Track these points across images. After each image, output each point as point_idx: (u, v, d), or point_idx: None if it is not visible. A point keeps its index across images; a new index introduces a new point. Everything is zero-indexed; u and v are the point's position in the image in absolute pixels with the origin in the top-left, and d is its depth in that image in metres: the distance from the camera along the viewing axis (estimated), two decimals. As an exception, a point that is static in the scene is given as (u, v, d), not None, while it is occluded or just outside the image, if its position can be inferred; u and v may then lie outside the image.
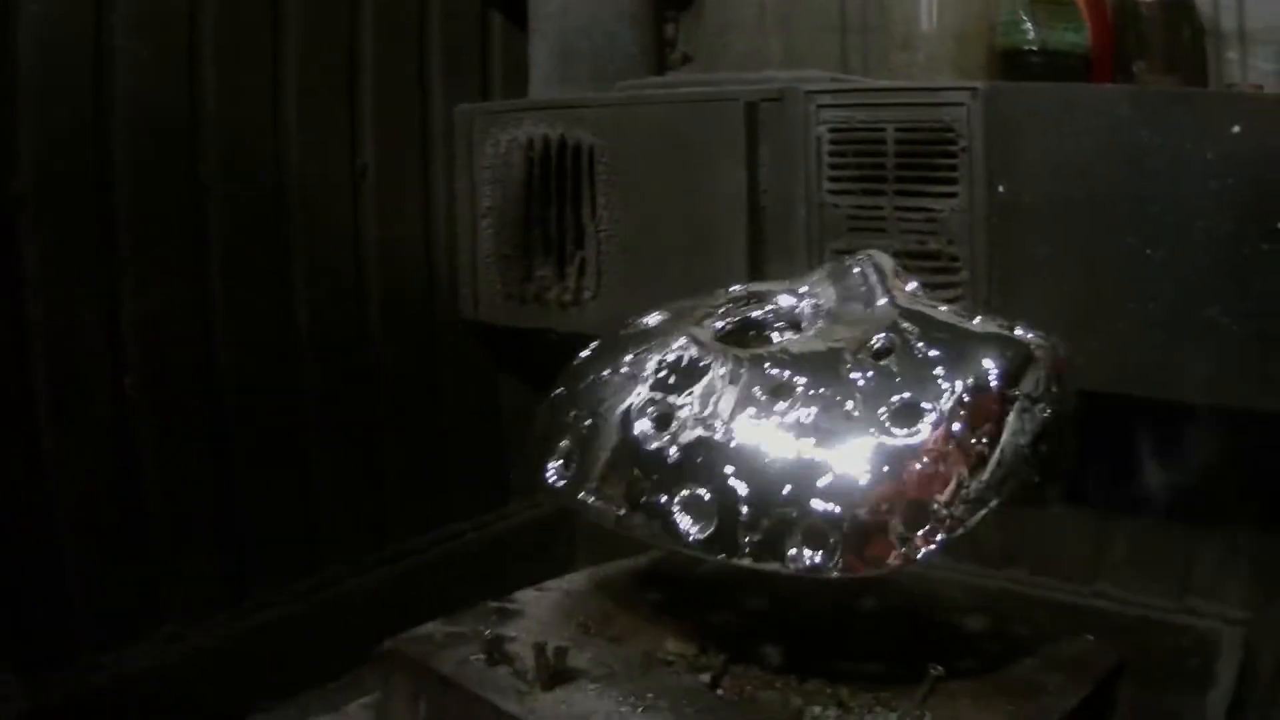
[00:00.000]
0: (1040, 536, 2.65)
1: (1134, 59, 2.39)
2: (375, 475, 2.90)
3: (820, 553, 1.59)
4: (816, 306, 1.91)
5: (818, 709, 1.69)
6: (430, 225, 3.01)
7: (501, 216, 2.91)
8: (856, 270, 1.87)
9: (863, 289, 1.84)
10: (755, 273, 2.48)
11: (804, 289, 1.96)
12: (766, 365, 1.75)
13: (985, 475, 1.58)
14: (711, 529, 1.67)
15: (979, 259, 2.22)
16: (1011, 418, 1.61)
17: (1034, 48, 2.40)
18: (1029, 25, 2.40)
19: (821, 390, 1.68)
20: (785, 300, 1.97)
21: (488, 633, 1.90)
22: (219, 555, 2.55)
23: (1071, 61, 2.41)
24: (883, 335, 1.72)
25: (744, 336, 1.93)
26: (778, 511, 1.62)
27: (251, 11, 2.59)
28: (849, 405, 1.65)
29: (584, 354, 2.06)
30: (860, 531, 1.59)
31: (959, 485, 1.57)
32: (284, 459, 2.69)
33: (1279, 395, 2.01)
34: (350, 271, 2.83)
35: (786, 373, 1.73)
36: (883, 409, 1.63)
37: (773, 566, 1.62)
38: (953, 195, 2.24)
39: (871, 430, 1.62)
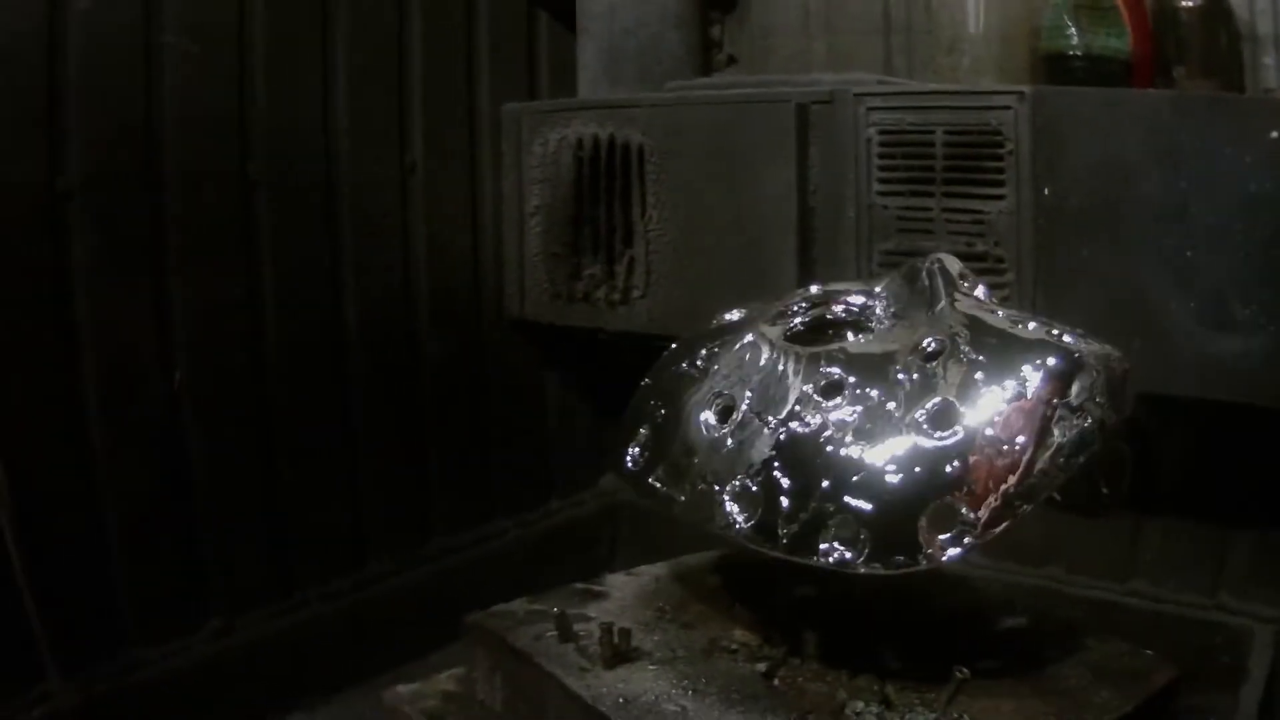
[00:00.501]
0: (1076, 535, 2.65)
1: (1173, 64, 2.41)
2: (420, 472, 2.92)
3: (850, 549, 1.62)
4: (886, 308, 1.94)
5: (861, 704, 1.71)
6: (477, 223, 3.03)
7: (550, 215, 2.93)
8: (924, 273, 1.89)
9: (928, 292, 1.86)
10: (804, 273, 2.51)
11: (878, 290, 1.99)
12: (822, 363, 1.79)
13: (1013, 482, 1.59)
14: (755, 519, 1.72)
15: (1025, 261, 2.25)
16: (1049, 426, 1.62)
17: (1077, 52, 2.42)
18: (1072, 30, 2.42)
19: (869, 390, 1.72)
20: (857, 300, 2.00)
21: (558, 611, 1.94)
22: (265, 551, 2.58)
23: (1113, 66, 2.43)
24: (934, 339, 1.74)
25: (816, 335, 1.96)
26: (814, 506, 1.67)
27: (300, 9, 2.61)
28: (890, 405, 1.69)
29: (672, 346, 2.11)
30: (888, 530, 1.62)
31: (987, 491, 1.59)
32: (330, 456, 2.72)
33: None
34: (398, 269, 2.85)
35: (838, 371, 1.77)
36: (921, 411, 1.66)
37: (807, 559, 1.66)
38: (1000, 198, 2.27)
39: (909, 430, 1.66)
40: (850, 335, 1.94)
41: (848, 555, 1.62)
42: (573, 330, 2.97)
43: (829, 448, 1.70)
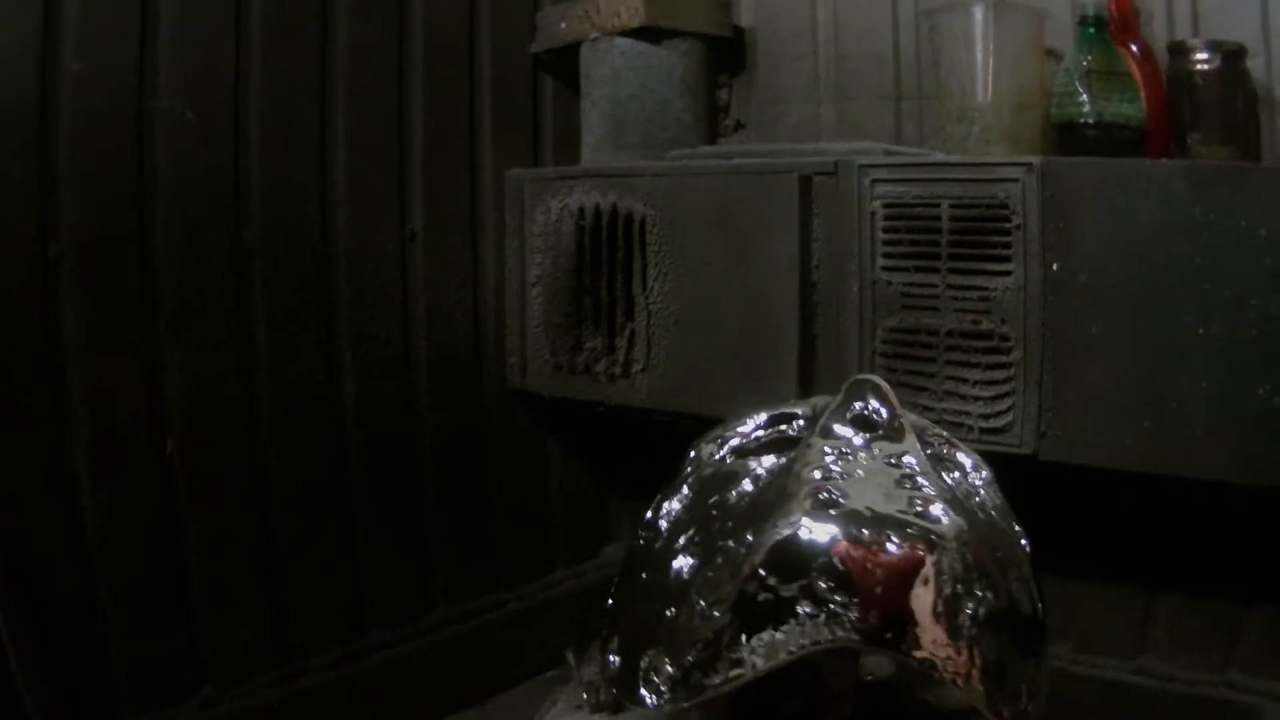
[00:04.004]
0: (1085, 612, 2.63)
1: (1189, 130, 2.35)
2: (419, 542, 2.90)
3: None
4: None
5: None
6: (479, 293, 3.00)
7: (552, 285, 2.90)
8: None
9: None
10: (805, 349, 2.48)
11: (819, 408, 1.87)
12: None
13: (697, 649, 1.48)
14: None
15: (1031, 339, 2.19)
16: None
17: (1089, 120, 2.37)
18: (1085, 97, 2.37)
19: (700, 513, 1.64)
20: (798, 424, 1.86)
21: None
22: (260, 620, 2.55)
23: (1127, 133, 2.37)
24: (761, 470, 1.66)
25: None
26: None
27: (298, 73, 2.60)
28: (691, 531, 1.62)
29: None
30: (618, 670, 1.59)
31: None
32: (327, 525, 2.69)
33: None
34: (398, 339, 2.82)
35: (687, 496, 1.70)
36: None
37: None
38: (1007, 273, 2.21)
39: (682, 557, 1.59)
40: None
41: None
42: (575, 402, 2.93)
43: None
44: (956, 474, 1.64)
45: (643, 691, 1.53)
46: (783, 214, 2.48)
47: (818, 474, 1.53)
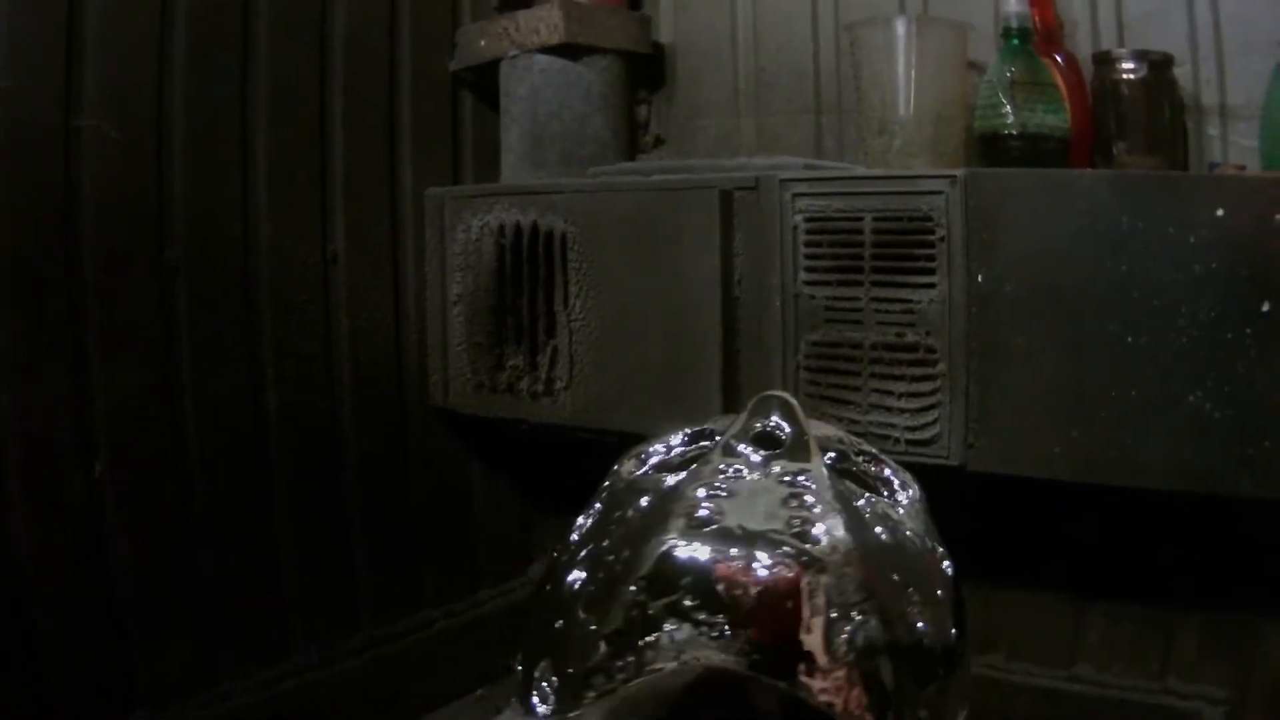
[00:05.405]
0: (1016, 620, 2.63)
1: (1114, 140, 2.35)
2: (344, 562, 2.87)
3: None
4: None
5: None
6: (400, 312, 2.98)
7: (473, 303, 2.87)
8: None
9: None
10: (728, 365, 2.46)
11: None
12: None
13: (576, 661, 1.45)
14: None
15: (957, 350, 2.18)
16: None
17: (1013, 131, 2.36)
18: (1008, 108, 2.36)
19: (602, 528, 1.61)
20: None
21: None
22: (189, 642, 2.52)
23: (1051, 144, 2.37)
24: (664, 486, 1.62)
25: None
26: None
27: (220, 92, 2.57)
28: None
29: None
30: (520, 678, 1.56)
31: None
32: (253, 546, 2.66)
33: (1261, 481, 1.96)
34: (320, 357, 2.80)
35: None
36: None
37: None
38: (931, 286, 2.20)
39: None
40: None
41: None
42: (498, 420, 2.91)
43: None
44: (869, 496, 1.61)
45: (535, 700, 1.51)
46: (704, 230, 2.46)
47: (701, 492, 1.51)
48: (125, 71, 2.39)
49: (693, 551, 1.40)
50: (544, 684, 1.49)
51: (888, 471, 1.69)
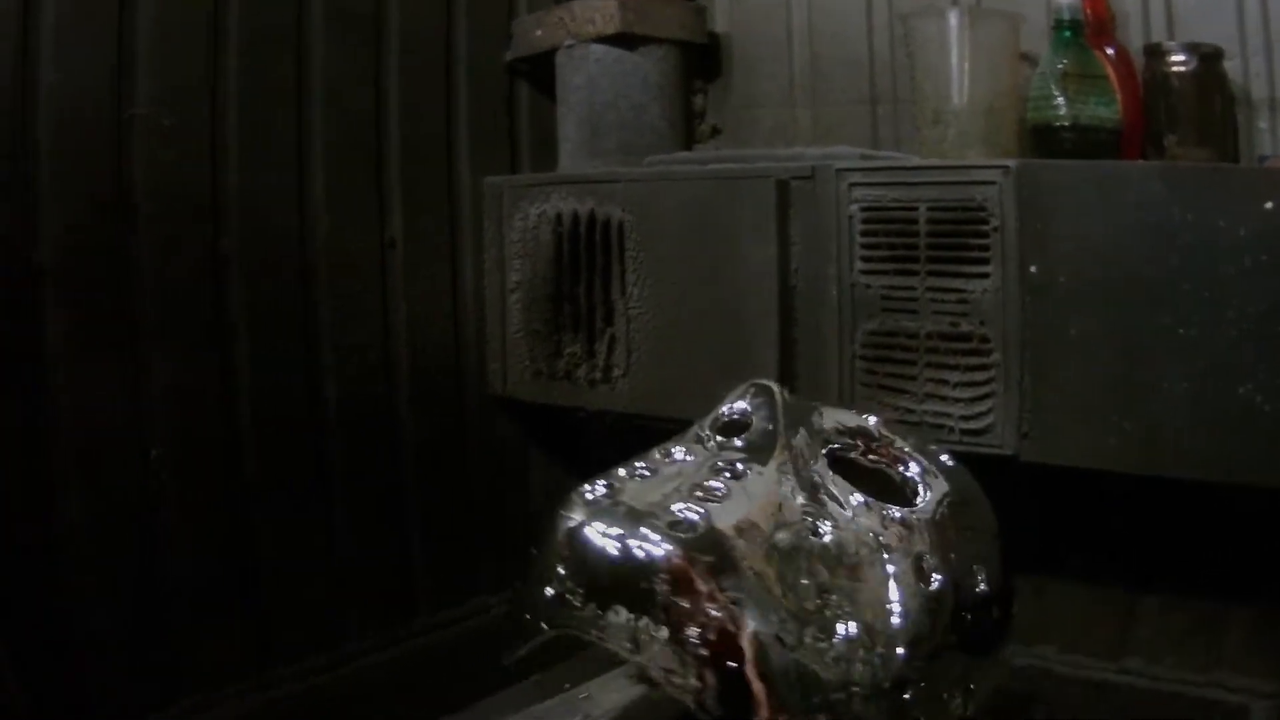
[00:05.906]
0: (1068, 613, 2.62)
1: (1165, 132, 2.35)
2: (402, 550, 2.89)
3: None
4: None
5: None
6: (458, 300, 3.00)
7: (530, 291, 2.90)
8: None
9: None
10: (785, 354, 2.47)
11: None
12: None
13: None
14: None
15: (1011, 341, 2.19)
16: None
17: (1065, 123, 2.36)
18: (1060, 100, 2.37)
19: None
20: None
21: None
22: (241, 629, 2.54)
23: (1102, 136, 2.37)
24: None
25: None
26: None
27: (275, 82, 2.60)
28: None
29: None
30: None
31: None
32: (309, 533, 2.68)
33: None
34: (378, 346, 2.82)
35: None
36: None
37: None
38: (985, 275, 2.21)
39: None
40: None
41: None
42: (556, 408, 2.93)
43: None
44: (858, 497, 1.64)
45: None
46: (760, 219, 2.48)
47: (623, 471, 1.59)
48: (179, 61, 2.42)
49: (573, 524, 1.64)
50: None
51: (913, 468, 1.72)
